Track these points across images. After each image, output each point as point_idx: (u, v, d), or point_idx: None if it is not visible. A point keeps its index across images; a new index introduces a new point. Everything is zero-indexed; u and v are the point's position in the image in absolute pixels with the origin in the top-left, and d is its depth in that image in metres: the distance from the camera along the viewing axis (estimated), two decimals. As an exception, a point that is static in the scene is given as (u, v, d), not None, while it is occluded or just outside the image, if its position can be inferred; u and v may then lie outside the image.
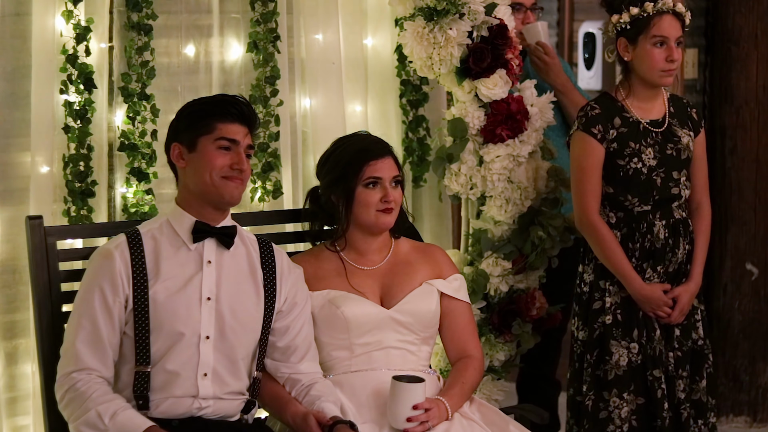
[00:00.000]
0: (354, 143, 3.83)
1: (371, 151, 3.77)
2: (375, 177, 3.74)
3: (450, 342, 3.87)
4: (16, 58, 3.83)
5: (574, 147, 4.17)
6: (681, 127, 4.18)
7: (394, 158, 3.81)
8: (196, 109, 3.56)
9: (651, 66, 4.09)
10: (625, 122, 4.13)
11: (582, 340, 4.21)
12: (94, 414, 3.33)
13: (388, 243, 3.87)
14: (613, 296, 4.16)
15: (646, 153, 4.12)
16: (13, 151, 3.85)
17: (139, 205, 4.00)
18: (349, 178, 3.74)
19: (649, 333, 4.14)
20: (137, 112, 3.99)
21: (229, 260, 3.56)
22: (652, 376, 4.12)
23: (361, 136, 3.91)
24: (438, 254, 3.92)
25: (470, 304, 3.94)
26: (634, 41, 4.11)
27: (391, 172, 3.77)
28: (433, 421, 3.57)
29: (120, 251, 3.46)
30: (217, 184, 3.49)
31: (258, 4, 4.23)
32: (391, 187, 3.76)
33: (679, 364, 4.16)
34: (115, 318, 3.43)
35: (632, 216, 4.14)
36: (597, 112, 4.14)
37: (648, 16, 4.08)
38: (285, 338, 3.61)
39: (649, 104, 4.18)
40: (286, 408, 3.57)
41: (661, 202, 4.14)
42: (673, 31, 4.09)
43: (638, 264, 4.14)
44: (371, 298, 3.77)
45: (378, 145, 3.81)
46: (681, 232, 4.17)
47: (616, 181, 4.14)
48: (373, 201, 3.74)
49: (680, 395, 4.15)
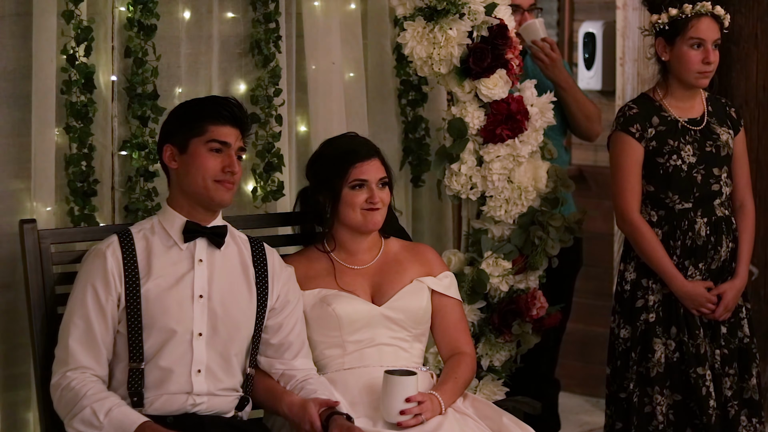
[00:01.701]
0: (341, 145, 3.86)
1: (357, 153, 3.79)
2: (361, 179, 3.77)
3: (442, 339, 3.89)
4: (16, 58, 3.82)
5: (613, 147, 4.20)
6: (720, 125, 4.22)
7: (381, 159, 3.83)
8: (188, 110, 3.59)
9: (687, 67, 4.13)
10: (663, 121, 4.16)
11: (625, 338, 4.24)
12: (89, 411, 3.36)
13: (378, 242, 3.89)
14: (656, 294, 4.20)
15: (685, 150, 4.15)
16: (14, 152, 3.85)
17: (141, 203, 4.01)
18: (335, 180, 3.77)
19: (692, 330, 4.17)
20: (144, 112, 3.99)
21: (221, 259, 3.59)
22: (695, 374, 4.14)
23: (348, 138, 3.92)
24: (428, 253, 3.95)
25: (461, 301, 3.97)
26: (672, 42, 4.14)
27: (378, 174, 3.79)
28: (426, 414, 3.59)
29: (112, 250, 3.50)
30: (208, 187, 3.52)
31: (259, 3, 4.23)
32: (377, 188, 3.79)
33: (725, 361, 4.19)
34: (108, 316, 3.46)
35: (673, 214, 4.16)
36: (635, 111, 4.18)
37: (686, 17, 4.11)
38: (278, 335, 3.64)
39: (687, 104, 4.21)
40: (281, 399, 3.58)
41: (702, 199, 4.17)
42: (710, 34, 4.12)
43: (680, 261, 4.17)
44: (362, 296, 3.80)
45: (364, 147, 3.84)
46: (723, 229, 4.19)
47: (656, 179, 4.16)
48: (358, 202, 3.76)
49: (727, 393, 4.19)
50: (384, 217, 3.82)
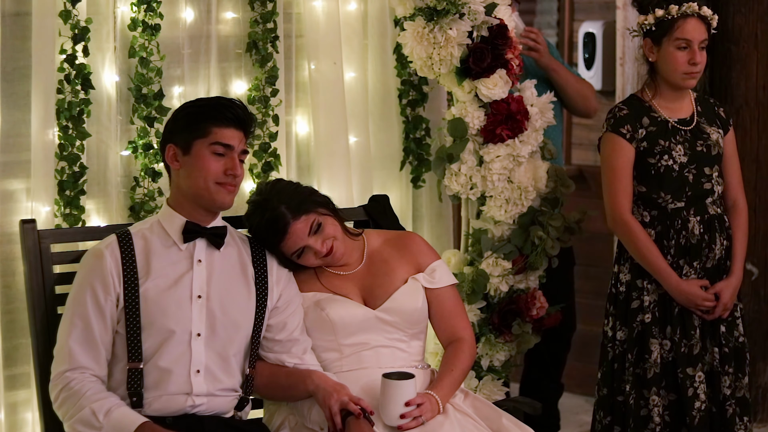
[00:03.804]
0: (256, 232, 3.70)
1: (273, 236, 3.65)
2: (296, 250, 3.66)
3: (439, 327, 3.85)
4: (16, 58, 3.82)
5: (604, 148, 4.20)
6: (709, 125, 4.23)
7: (296, 214, 3.65)
8: (192, 111, 3.57)
9: (674, 68, 4.14)
10: (653, 122, 4.17)
11: (621, 340, 4.24)
12: (88, 412, 3.36)
13: (358, 244, 3.84)
14: (651, 294, 4.20)
15: (676, 150, 4.15)
16: (13, 152, 3.85)
17: (146, 203, 4.01)
18: (281, 257, 3.69)
19: (687, 330, 4.17)
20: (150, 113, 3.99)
21: (220, 259, 3.58)
22: (683, 374, 4.14)
23: (259, 219, 3.69)
24: (412, 244, 3.86)
25: (455, 283, 3.88)
26: (659, 43, 4.15)
27: (303, 233, 3.66)
28: (426, 415, 3.58)
29: (110, 250, 3.49)
30: (209, 189, 3.51)
31: (257, 4, 4.23)
32: (314, 239, 3.68)
33: (724, 360, 4.20)
34: (107, 316, 3.46)
35: (666, 213, 4.17)
36: (625, 112, 4.18)
37: (672, 18, 4.11)
38: (284, 332, 3.63)
39: (676, 104, 4.22)
40: (308, 377, 3.56)
41: (695, 198, 4.17)
42: (696, 35, 4.12)
43: (674, 261, 4.17)
44: (354, 300, 3.76)
45: (275, 226, 3.65)
46: (717, 227, 4.20)
47: (648, 179, 4.17)
48: (311, 260, 3.71)
49: (726, 391, 4.20)
50: (342, 240, 3.72)
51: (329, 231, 3.71)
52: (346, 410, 3.47)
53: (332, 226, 3.72)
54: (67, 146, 3.86)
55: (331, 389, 3.50)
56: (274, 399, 3.71)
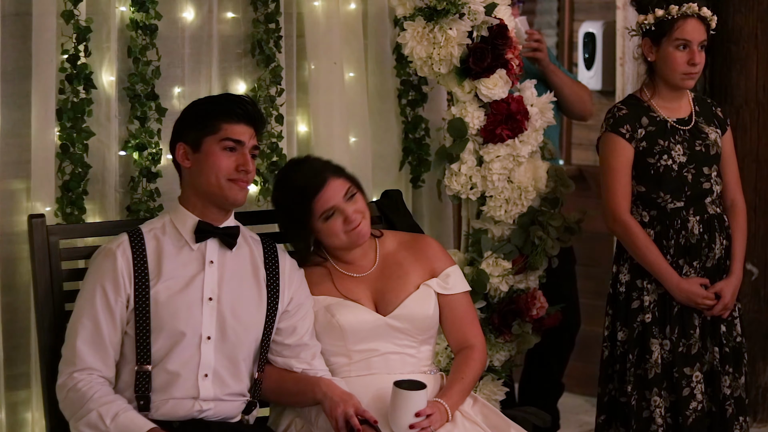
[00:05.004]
0: (295, 182, 3.70)
1: (312, 186, 3.66)
2: (328, 208, 3.66)
3: (450, 333, 3.84)
4: (16, 58, 3.82)
5: (603, 148, 4.21)
6: (708, 125, 4.24)
7: (336, 174, 3.70)
8: (201, 108, 3.55)
9: (672, 68, 4.14)
10: (652, 121, 4.17)
11: (622, 341, 4.24)
12: (95, 415, 3.33)
13: (372, 245, 3.83)
14: (651, 294, 4.20)
15: (675, 150, 4.16)
16: (13, 152, 3.85)
17: (143, 204, 4.01)
18: (305, 220, 3.68)
19: (686, 330, 4.17)
20: (144, 113, 3.99)
21: (232, 260, 3.55)
22: (679, 374, 4.14)
23: (296, 173, 3.73)
24: (427, 248, 3.86)
25: (468, 291, 3.88)
26: (658, 43, 4.15)
27: (340, 192, 3.67)
28: (435, 425, 3.55)
29: (122, 250, 3.46)
30: (222, 186, 3.48)
31: (260, 4, 4.24)
32: (348, 205, 3.67)
33: (724, 359, 4.21)
34: (117, 317, 3.43)
35: (665, 213, 4.17)
36: (624, 112, 4.18)
37: (672, 18, 4.12)
38: (293, 337, 3.61)
39: (675, 104, 4.22)
40: (317, 384, 3.53)
41: (694, 198, 4.17)
42: (696, 35, 4.12)
43: (674, 260, 4.17)
44: (366, 304, 3.73)
45: (315, 177, 3.68)
46: (716, 227, 4.20)
47: (647, 179, 4.17)
48: (337, 229, 3.69)
49: (726, 391, 4.20)
50: (369, 223, 3.73)
51: (361, 205, 3.71)
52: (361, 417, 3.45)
53: (363, 203, 3.73)
54: (70, 146, 3.86)
55: (339, 399, 3.47)
56: (281, 403, 3.69)
